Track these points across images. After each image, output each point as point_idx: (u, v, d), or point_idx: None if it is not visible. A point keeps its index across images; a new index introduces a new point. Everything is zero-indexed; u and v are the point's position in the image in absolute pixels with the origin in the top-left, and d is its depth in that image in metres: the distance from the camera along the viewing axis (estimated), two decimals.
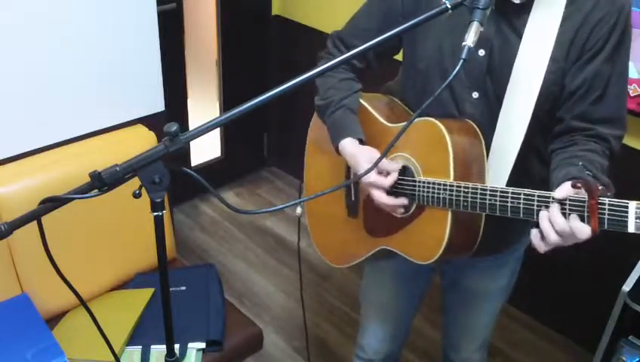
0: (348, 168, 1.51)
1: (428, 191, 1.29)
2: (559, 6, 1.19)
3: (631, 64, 2.01)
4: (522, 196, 1.12)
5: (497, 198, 1.17)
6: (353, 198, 1.51)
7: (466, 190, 1.22)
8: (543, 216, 1.06)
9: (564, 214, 1.04)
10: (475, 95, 1.30)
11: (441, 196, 1.27)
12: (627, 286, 1.76)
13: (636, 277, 1.79)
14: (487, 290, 1.62)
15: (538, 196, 1.09)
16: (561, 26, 1.19)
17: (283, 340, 2.59)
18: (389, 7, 1.37)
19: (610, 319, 1.82)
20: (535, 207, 1.09)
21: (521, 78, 1.24)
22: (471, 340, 1.73)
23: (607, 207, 0.98)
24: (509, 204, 1.15)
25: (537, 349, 2.60)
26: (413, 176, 1.34)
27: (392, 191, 1.39)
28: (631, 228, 0.97)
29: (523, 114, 1.25)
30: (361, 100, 1.49)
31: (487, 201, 1.19)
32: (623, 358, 1.81)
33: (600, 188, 1.00)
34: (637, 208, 0.96)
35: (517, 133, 1.26)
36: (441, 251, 1.29)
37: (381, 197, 1.34)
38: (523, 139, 1.26)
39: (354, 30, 1.46)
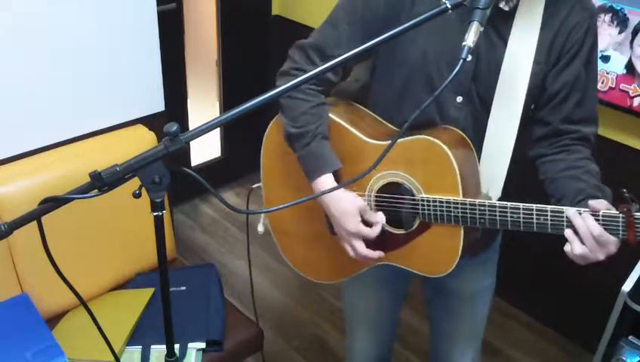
0: None
1: (436, 209, 1.27)
2: (538, 12, 1.22)
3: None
4: (549, 212, 1.14)
5: (520, 215, 1.17)
6: None
7: (482, 208, 1.21)
8: (581, 225, 1.10)
9: None
10: (459, 99, 1.29)
11: (452, 214, 1.25)
12: (627, 286, 1.76)
13: (636, 277, 1.79)
14: (473, 292, 1.57)
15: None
16: (540, 30, 1.22)
17: (283, 340, 2.59)
18: (370, 11, 1.28)
19: (610, 319, 1.81)
20: (565, 222, 1.13)
21: (507, 83, 1.25)
22: (463, 350, 1.66)
23: None
24: (534, 221, 1.16)
25: (537, 349, 2.60)
26: (412, 194, 1.30)
27: (386, 209, 1.34)
28: None
29: (512, 119, 1.26)
30: (329, 113, 1.38)
31: (509, 218, 1.19)
32: (623, 358, 1.80)
33: (634, 205, 1.07)
34: None
35: (508, 140, 1.27)
36: (456, 262, 1.29)
37: (361, 249, 1.30)
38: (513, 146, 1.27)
39: (336, 39, 1.31)
